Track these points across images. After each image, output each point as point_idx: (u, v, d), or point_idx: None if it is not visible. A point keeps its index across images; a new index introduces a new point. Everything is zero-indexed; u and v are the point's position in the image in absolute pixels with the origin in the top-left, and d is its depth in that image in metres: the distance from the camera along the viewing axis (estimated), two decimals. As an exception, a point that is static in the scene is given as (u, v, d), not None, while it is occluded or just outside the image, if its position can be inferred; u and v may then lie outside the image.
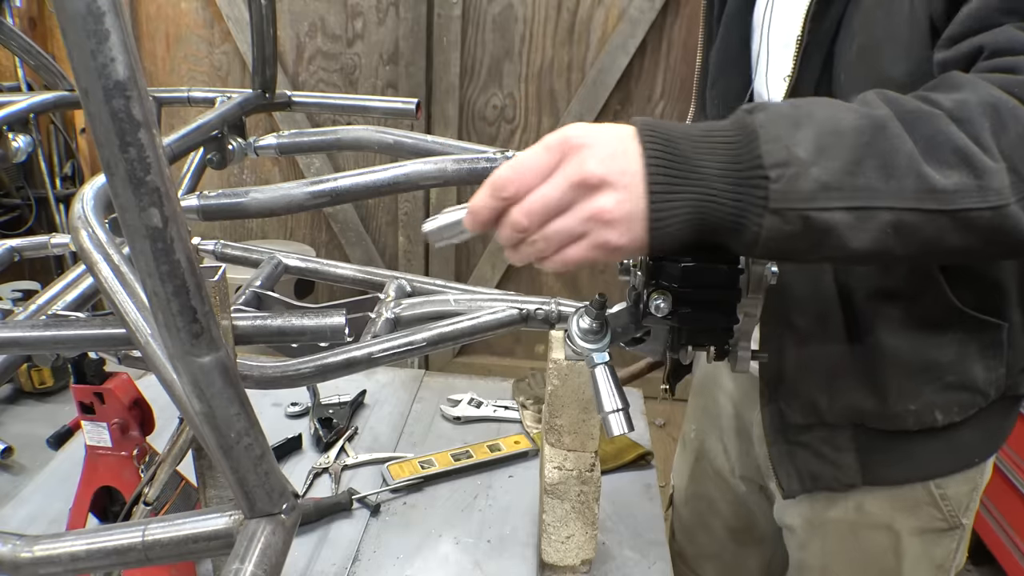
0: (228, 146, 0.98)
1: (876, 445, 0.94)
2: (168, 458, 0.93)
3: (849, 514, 0.99)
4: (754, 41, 0.98)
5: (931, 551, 1.00)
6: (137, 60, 0.36)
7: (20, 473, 2.23)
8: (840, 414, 0.93)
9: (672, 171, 0.59)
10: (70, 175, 3.20)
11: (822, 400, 0.93)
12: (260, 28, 1.02)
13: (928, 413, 0.90)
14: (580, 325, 0.71)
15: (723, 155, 0.59)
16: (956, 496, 0.97)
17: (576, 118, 2.81)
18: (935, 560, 1.01)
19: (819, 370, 0.92)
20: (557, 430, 1.02)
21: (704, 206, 0.60)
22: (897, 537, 0.98)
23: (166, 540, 0.51)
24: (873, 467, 0.95)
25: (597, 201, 0.59)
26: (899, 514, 0.98)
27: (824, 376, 0.92)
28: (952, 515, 0.97)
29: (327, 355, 0.70)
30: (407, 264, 3.07)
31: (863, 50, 0.80)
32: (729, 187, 0.59)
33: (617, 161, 0.59)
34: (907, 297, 0.87)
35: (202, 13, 2.96)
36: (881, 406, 0.91)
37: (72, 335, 0.65)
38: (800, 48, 0.84)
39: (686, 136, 0.60)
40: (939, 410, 0.90)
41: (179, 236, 0.40)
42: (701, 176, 0.59)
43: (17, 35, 1.08)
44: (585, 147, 0.59)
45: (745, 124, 0.60)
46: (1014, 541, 2.08)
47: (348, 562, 1.11)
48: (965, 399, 0.90)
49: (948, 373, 0.89)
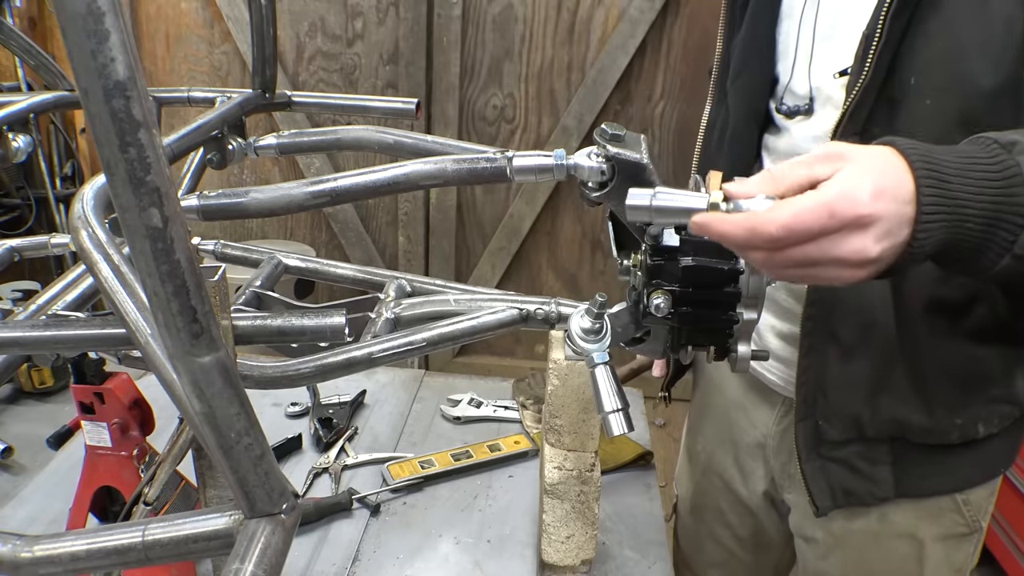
0: (228, 146, 0.98)
1: (913, 459, 0.93)
2: (168, 458, 0.93)
3: (872, 524, 0.98)
4: (783, 31, 0.94)
5: (952, 556, 0.99)
6: (137, 60, 0.36)
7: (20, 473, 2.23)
8: (882, 428, 0.92)
9: (940, 207, 0.59)
10: (70, 175, 3.20)
11: (865, 414, 0.91)
12: (260, 28, 1.02)
13: (972, 426, 0.90)
14: (580, 325, 0.71)
15: (986, 194, 0.60)
16: (977, 501, 0.96)
17: (576, 118, 2.81)
18: (955, 565, 1.00)
19: (863, 383, 0.90)
20: (557, 430, 1.02)
21: (955, 238, 0.60)
22: (920, 545, 0.97)
23: (166, 540, 0.51)
24: (908, 480, 0.94)
25: (857, 242, 0.58)
26: (923, 522, 0.97)
27: (868, 389, 0.90)
28: (974, 520, 0.97)
29: (327, 355, 0.70)
30: (407, 264, 3.07)
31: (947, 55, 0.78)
32: (981, 228, 0.60)
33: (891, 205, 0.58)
34: (960, 308, 0.85)
35: (202, 13, 2.96)
36: (927, 419, 0.89)
37: (72, 335, 0.65)
38: (878, 46, 0.79)
39: (953, 169, 0.60)
40: (982, 423, 0.90)
41: (179, 236, 0.40)
42: (961, 212, 0.60)
43: (17, 35, 1.08)
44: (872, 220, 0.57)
45: (1007, 166, 0.61)
46: (1015, 542, 2.08)
47: (348, 562, 1.11)
48: (1006, 411, 0.90)
49: (993, 386, 0.89)
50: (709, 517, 1.24)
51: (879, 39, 0.79)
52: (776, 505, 1.13)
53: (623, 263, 0.74)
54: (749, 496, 1.16)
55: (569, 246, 3.05)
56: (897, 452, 0.93)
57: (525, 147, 2.89)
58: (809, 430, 0.95)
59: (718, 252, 0.67)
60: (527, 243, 3.04)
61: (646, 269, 0.67)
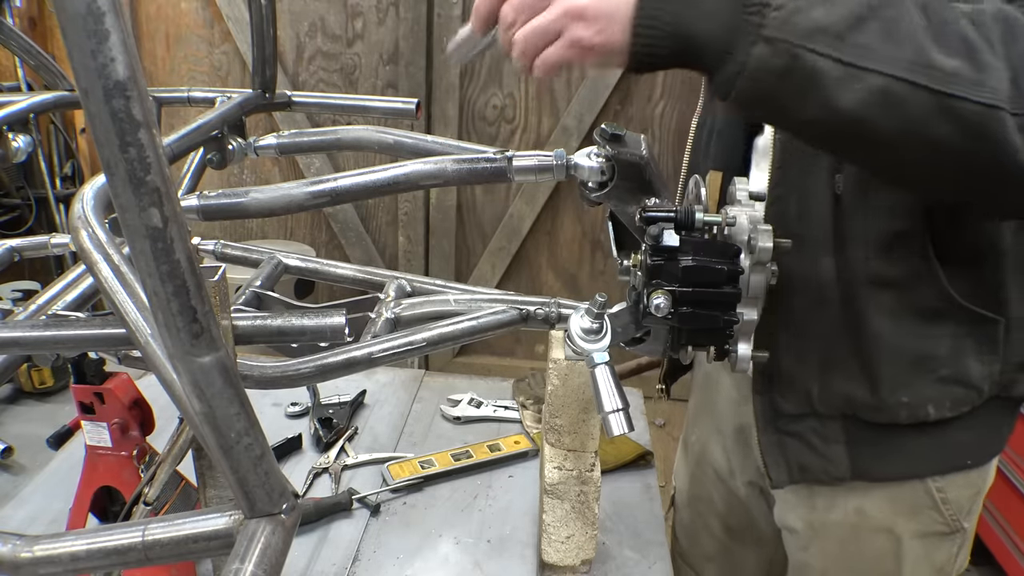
0: (228, 146, 0.98)
1: (865, 437, 0.94)
2: (168, 458, 0.93)
3: (850, 517, 0.99)
4: None
5: (932, 555, 1.00)
6: (137, 60, 0.36)
7: (20, 473, 2.23)
8: (832, 404, 0.93)
9: None
10: (70, 175, 3.20)
11: (814, 388, 0.93)
12: (260, 28, 1.02)
13: (921, 407, 0.90)
14: (580, 325, 0.71)
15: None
16: (957, 500, 0.97)
17: (576, 118, 2.81)
18: (936, 564, 1.00)
19: (813, 358, 0.92)
20: (557, 430, 1.02)
21: (694, 23, 0.59)
22: (898, 541, 0.98)
23: (166, 540, 0.51)
24: (862, 461, 0.94)
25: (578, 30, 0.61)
26: (900, 517, 0.97)
27: (817, 364, 0.92)
28: (954, 519, 0.97)
29: (327, 355, 0.70)
30: (407, 264, 3.07)
31: None
32: (725, 6, 0.59)
33: None
34: (903, 285, 0.86)
35: (202, 13, 2.96)
36: (873, 396, 0.90)
37: (72, 335, 0.65)
38: None
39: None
40: (932, 404, 0.90)
41: (179, 236, 0.40)
42: None
43: (17, 35, 1.08)
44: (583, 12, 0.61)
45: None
46: (1014, 542, 2.08)
47: (348, 562, 1.11)
48: (959, 394, 0.90)
49: (942, 366, 0.89)
50: (703, 508, 1.26)
51: None
52: (765, 496, 1.14)
53: (623, 263, 0.74)
54: (738, 487, 1.18)
55: (569, 246, 3.05)
56: (850, 431, 0.94)
57: (525, 147, 2.89)
58: (766, 403, 0.97)
59: (718, 252, 0.67)
60: (527, 243, 3.04)
61: (646, 269, 0.67)
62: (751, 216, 0.73)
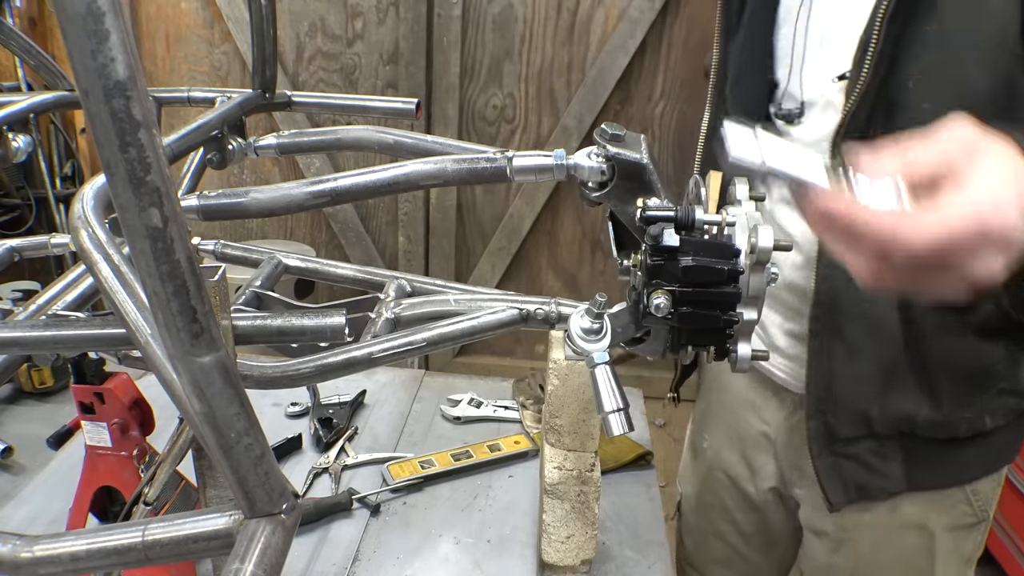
0: (228, 146, 0.97)
1: (922, 453, 0.94)
2: (168, 458, 0.93)
3: (883, 517, 0.99)
4: (781, 36, 0.93)
5: (961, 546, 1.00)
6: (137, 60, 0.36)
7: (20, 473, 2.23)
8: (891, 424, 0.93)
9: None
10: (70, 175, 3.20)
11: (873, 411, 0.92)
12: (260, 28, 1.01)
13: (979, 419, 0.91)
14: (580, 325, 0.71)
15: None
16: (984, 491, 0.98)
17: (576, 118, 2.81)
18: (964, 554, 1.01)
19: (871, 380, 0.92)
20: (557, 430, 1.02)
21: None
22: (931, 536, 0.98)
23: (166, 540, 0.51)
24: (917, 475, 0.95)
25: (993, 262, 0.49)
26: (933, 513, 0.98)
27: (876, 386, 0.92)
28: (982, 509, 0.98)
29: (327, 355, 0.70)
30: (407, 264, 3.07)
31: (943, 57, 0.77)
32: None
33: None
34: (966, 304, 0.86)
35: (202, 13, 2.96)
36: (936, 414, 0.90)
37: (72, 335, 0.65)
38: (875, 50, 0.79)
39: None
40: (989, 416, 0.91)
41: (179, 236, 0.40)
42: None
43: (17, 35, 1.08)
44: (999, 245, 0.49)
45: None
46: (1015, 542, 2.08)
47: (348, 562, 1.11)
48: (1012, 404, 0.91)
49: (1001, 380, 0.90)
50: (714, 515, 1.25)
51: (876, 42, 0.79)
52: (784, 501, 1.13)
53: (623, 263, 0.74)
54: (756, 492, 1.16)
55: (569, 246, 3.05)
56: (907, 447, 0.94)
57: (525, 147, 2.89)
58: (820, 427, 0.96)
59: (718, 252, 0.67)
60: (527, 243, 3.04)
61: (646, 269, 0.67)
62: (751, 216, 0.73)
